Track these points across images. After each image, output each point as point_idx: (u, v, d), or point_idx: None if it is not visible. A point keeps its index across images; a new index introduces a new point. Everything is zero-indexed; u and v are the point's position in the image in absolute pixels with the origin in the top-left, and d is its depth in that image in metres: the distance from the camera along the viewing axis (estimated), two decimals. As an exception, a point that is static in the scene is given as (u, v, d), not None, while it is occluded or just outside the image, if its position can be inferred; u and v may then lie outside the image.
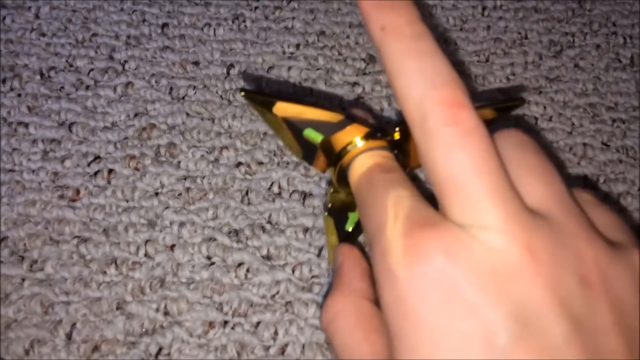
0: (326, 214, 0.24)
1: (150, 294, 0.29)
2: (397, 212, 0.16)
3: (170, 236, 0.30)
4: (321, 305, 0.29)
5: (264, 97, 0.20)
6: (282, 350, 0.28)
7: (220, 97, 0.36)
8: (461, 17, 0.41)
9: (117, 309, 0.28)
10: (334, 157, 0.21)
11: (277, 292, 0.29)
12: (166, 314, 0.28)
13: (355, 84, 0.37)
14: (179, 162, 0.33)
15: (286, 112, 0.20)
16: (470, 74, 0.38)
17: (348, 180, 0.20)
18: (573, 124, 0.36)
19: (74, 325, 0.28)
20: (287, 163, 0.33)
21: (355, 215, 0.24)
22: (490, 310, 0.14)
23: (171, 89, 0.36)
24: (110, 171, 0.33)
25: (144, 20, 0.39)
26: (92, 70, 0.37)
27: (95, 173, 0.32)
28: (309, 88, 0.37)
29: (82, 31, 0.39)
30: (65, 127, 0.34)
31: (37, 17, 0.39)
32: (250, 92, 0.20)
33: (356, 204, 0.19)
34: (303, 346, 0.28)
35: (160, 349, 0.28)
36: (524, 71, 0.38)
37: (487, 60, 0.39)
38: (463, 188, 0.15)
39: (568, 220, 0.16)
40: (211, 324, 0.28)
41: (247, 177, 0.33)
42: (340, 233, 0.24)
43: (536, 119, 0.36)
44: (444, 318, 0.14)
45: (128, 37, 0.38)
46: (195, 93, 0.36)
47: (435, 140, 0.15)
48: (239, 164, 0.33)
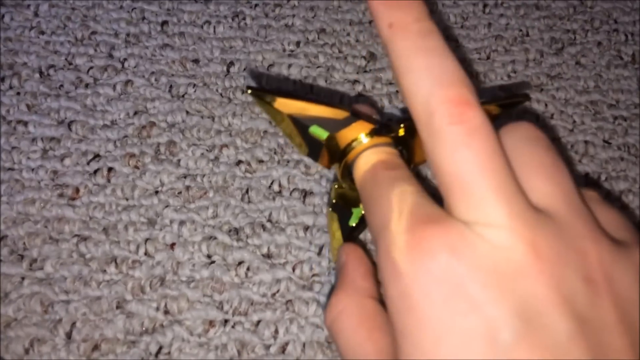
0: (330, 210, 0.24)
1: (151, 292, 0.29)
2: (402, 208, 0.16)
3: (170, 235, 0.30)
4: (324, 304, 0.29)
5: (271, 94, 0.20)
6: (283, 349, 0.28)
7: (220, 95, 0.36)
8: (462, 14, 0.41)
9: (117, 307, 0.28)
10: (339, 154, 0.21)
11: (278, 291, 0.29)
12: (166, 312, 0.28)
13: (355, 81, 0.37)
14: (178, 161, 0.33)
15: (292, 108, 0.21)
16: (471, 72, 0.38)
17: (353, 176, 0.20)
18: (574, 121, 0.36)
19: (73, 324, 0.28)
20: (288, 161, 0.33)
21: (359, 211, 0.24)
22: (494, 307, 0.14)
23: (171, 87, 0.36)
24: (110, 169, 0.33)
25: (143, 18, 0.39)
26: (91, 68, 0.37)
27: (95, 171, 0.32)
28: (310, 86, 0.36)
29: (82, 29, 0.38)
30: (65, 126, 0.34)
31: (36, 15, 0.39)
32: (256, 89, 0.21)
33: (361, 200, 0.19)
34: (304, 345, 0.28)
35: (161, 347, 0.27)
36: (525, 68, 0.38)
37: (488, 57, 0.39)
38: (468, 186, 0.15)
39: (573, 218, 0.16)
40: (211, 323, 0.28)
41: (248, 175, 0.33)
42: (343, 229, 0.24)
43: (537, 116, 0.36)
44: (448, 314, 0.14)
45: (127, 35, 0.38)
46: (195, 91, 0.36)
47: (441, 138, 0.15)
48: (239, 162, 0.33)
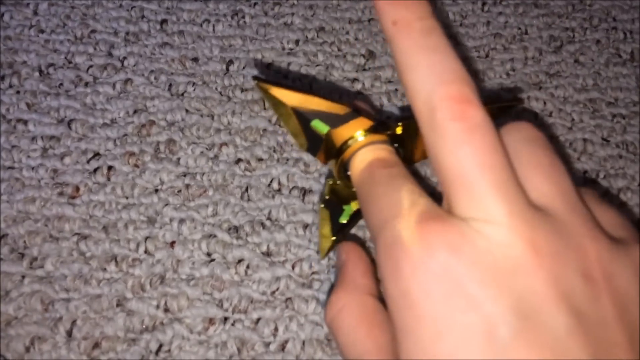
0: (322, 206, 0.24)
1: (151, 290, 0.29)
2: (400, 206, 0.16)
3: (170, 233, 0.30)
4: (323, 302, 0.29)
5: (276, 85, 0.20)
6: (283, 347, 0.28)
7: (220, 93, 0.36)
8: (461, 12, 0.41)
9: (117, 305, 0.28)
10: (335, 152, 0.21)
11: (277, 289, 0.29)
12: (166, 310, 0.28)
13: (354, 80, 0.37)
14: (178, 159, 0.33)
15: (296, 101, 0.21)
16: (470, 70, 0.38)
17: (348, 173, 0.20)
18: (573, 119, 0.36)
19: (74, 322, 0.28)
20: (287, 159, 0.33)
21: (350, 208, 0.24)
22: (492, 304, 0.14)
23: (170, 85, 0.36)
24: (110, 168, 0.33)
25: (142, 17, 0.39)
26: (91, 66, 0.37)
27: (95, 170, 0.32)
28: (309, 84, 0.37)
29: (81, 28, 0.38)
30: (65, 124, 0.34)
31: (35, 13, 0.39)
32: (262, 79, 0.21)
33: (358, 198, 0.19)
34: (303, 342, 0.28)
35: (161, 345, 0.28)
36: (524, 67, 0.38)
37: (487, 55, 0.39)
38: (468, 183, 0.15)
39: (572, 216, 0.16)
40: (211, 321, 0.28)
41: (247, 173, 0.33)
42: (334, 225, 0.24)
43: (536, 114, 0.36)
44: (447, 311, 0.14)
45: (127, 33, 0.38)
46: (194, 89, 0.36)
47: (442, 135, 0.16)
48: (238, 161, 0.33)
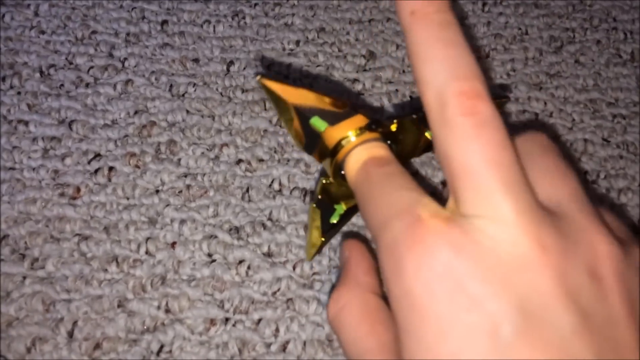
0: (314, 206, 0.24)
1: (152, 291, 0.29)
2: (399, 206, 0.16)
3: (171, 234, 0.30)
4: (324, 303, 0.29)
5: (279, 82, 0.20)
6: (284, 347, 0.28)
7: (221, 94, 0.36)
8: (461, 12, 0.41)
9: (119, 306, 0.28)
10: (328, 152, 0.21)
11: (278, 289, 0.29)
12: (167, 311, 0.28)
13: (355, 80, 0.37)
14: (179, 160, 0.33)
15: (297, 97, 0.21)
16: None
17: (343, 173, 0.20)
18: (573, 119, 0.36)
19: (75, 323, 0.28)
20: (288, 160, 0.33)
21: (341, 208, 0.24)
22: (495, 303, 0.14)
23: (171, 86, 0.36)
24: (111, 169, 0.33)
25: (143, 18, 0.39)
26: (91, 67, 0.37)
27: (96, 171, 0.32)
28: (309, 84, 0.37)
29: (82, 29, 0.38)
30: (66, 125, 0.34)
31: (36, 14, 0.39)
32: (266, 76, 0.21)
33: (356, 199, 0.19)
34: (304, 343, 0.28)
35: (162, 346, 0.28)
36: (524, 67, 0.38)
37: (487, 56, 0.39)
38: (476, 178, 0.15)
39: (581, 215, 0.16)
40: (212, 322, 0.28)
41: (248, 174, 0.33)
42: (324, 225, 0.24)
43: (537, 114, 0.36)
44: (450, 310, 0.14)
45: (127, 34, 0.38)
46: (195, 90, 0.36)
47: (452, 129, 0.15)
48: (239, 161, 0.33)
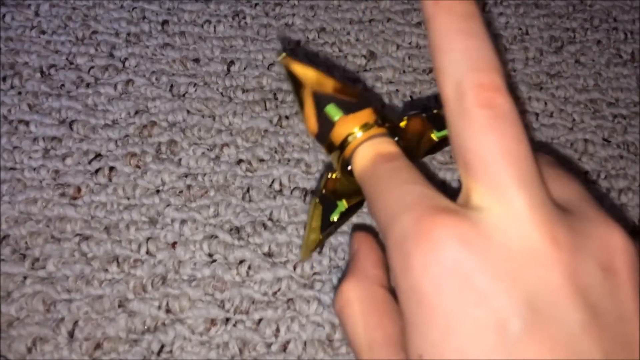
0: (317, 200, 0.23)
1: (152, 291, 0.29)
2: (408, 200, 0.16)
3: (172, 234, 0.31)
4: (325, 303, 0.29)
5: (302, 64, 0.20)
6: (284, 347, 0.28)
7: (221, 94, 0.36)
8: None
9: (119, 306, 0.28)
10: (336, 147, 0.21)
11: (279, 289, 0.29)
12: (168, 311, 0.28)
13: (356, 80, 0.37)
14: (179, 160, 0.33)
15: (315, 82, 0.20)
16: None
17: (349, 169, 0.20)
18: (574, 119, 0.36)
19: (76, 323, 0.28)
20: (288, 160, 0.33)
21: (343, 205, 0.24)
22: (503, 298, 0.14)
23: (172, 86, 0.36)
24: (111, 169, 0.33)
25: (144, 18, 0.39)
26: (92, 67, 0.37)
27: (96, 171, 0.32)
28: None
29: (82, 29, 0.38)
30: (66, 125, 0.34)
31: (36, 14, 0.39)
32: (290, 56, 0.20)
33: (364, 194, 0.19)
34: (305, 343, 0.28)
35: (162, 346, 0.28)
36: (524, 67, 0.38)
37: (487, 56, 0.39)
38: (491, 171, 0.15)
39: (592, 211, 0.16)
40: (213, 322, 0.28)
41: (248, 174, 0.33)
42: (323, 222, 0.24)
43: (537, 115, 0.36)
44: (458, 305, 0.14)
45: (128, 34, 0.38)
46: (195, 90, 0.36)
47: (469, 121, 0.16)
48: (239, 161, 0.33)
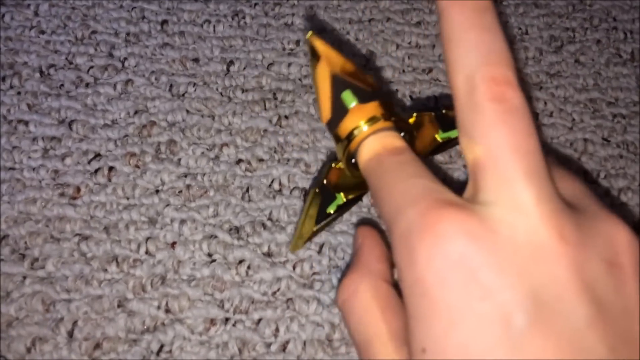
0: (317, 190, 0.23)
1: (152, 291, 0.29)
2: (413, 194, 0.16)
3: (171, 234, 0.30)
4: (325, 302, 0.29)
5: (327, 46, 0.20)
6: (284, 347, 0.28)
7: (221, 94, 0.36)
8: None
9: (119, 306, 0.28)
10: (342, 139, 0.21)
11: (278, 289, 0.29)
12: (167, 311, 0.28)
13: (355, 80, 0.37)
14: (179, 160, 0.33)
15: (338, 66, 0.20)
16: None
17: (354, 162, 0.20)
18: (574, 119, 0.36)
19: (75, 323, 0.28)
20: (288, 160, 0.33)
21: (341, 199, 0.23)
22: (508, 292, 0.14)
23: (171, 86, 0.36)
24: (111, 169, 0.33)
25: (143, 17, 0.39)
26: (91, 67, 0.37)
27: (96, 171, 0.32)
28: (309, 85, 0.37)
29: (82, 28, 0.38)
30: (66, 125, 0.34)
31: (36, 14, 0.39)
32: (316, 36, 0.20)
33: (369, 188, 0.19)
34: (304, 343, 0.28)
35: (162, 346, 0.28)
36: (524, 67, 0.38)
37: (487, 56, 0.39)
38: (499, 164, 0.15)
39: (598, 208, 0.16)
40: (212, 321, 0.28)
41: (248, 174, 0.33)
42: (319, 214, 0.23)
43: (537, 114, 0.36)
44: (462, 300, 0.14)
45: (127, 34, 0.38)
46: (195, 90, 0.36)
47: (479, 113, 0.16)
48: (239, 161, 0.33)
